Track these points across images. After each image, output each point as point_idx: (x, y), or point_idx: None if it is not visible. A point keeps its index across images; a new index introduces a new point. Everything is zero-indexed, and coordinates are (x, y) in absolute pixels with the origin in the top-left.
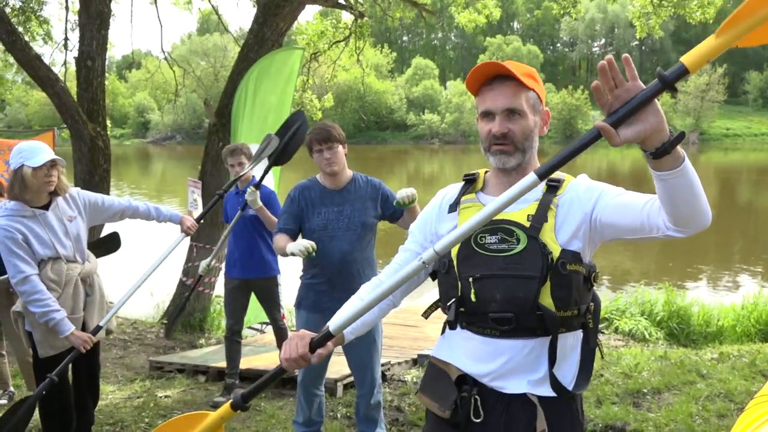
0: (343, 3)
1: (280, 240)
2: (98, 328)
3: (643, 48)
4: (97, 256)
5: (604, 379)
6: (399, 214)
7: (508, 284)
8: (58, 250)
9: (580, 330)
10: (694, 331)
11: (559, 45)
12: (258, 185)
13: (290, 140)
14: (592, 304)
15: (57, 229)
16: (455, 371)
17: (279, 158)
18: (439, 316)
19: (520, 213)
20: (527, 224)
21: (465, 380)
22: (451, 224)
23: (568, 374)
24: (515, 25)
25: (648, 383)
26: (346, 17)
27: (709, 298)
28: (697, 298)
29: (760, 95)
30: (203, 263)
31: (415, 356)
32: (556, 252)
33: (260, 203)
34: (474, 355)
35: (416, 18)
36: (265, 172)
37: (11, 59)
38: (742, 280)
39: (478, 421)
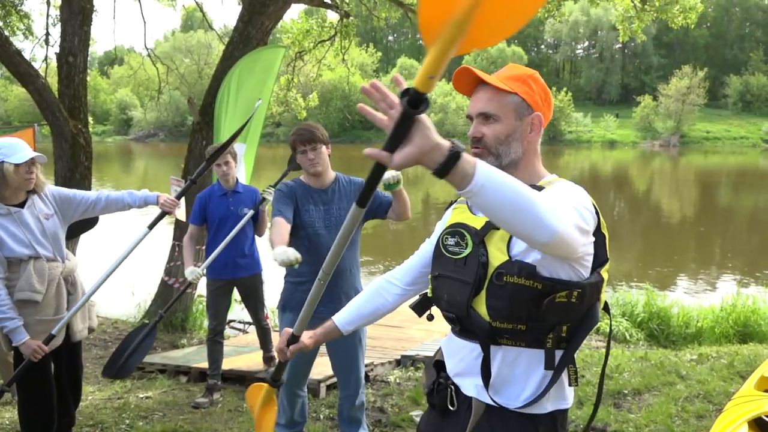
0: (329, 2)
1: (280, 225)
2: (51, 337)
3: (626, 51)
4: (76, 234)
5: (585, 380)
6: (386, 206)
7: (452, 286)
8: (37, 249)
9: (540, 349)
10: (674, 332)
11: (543, 47)
12: (276, 186)
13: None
14: (564, 325)
15: (34, 227)
16: (439, 356)
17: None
18: (425, 318)
19: (482, 219)
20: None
21: (444, 368)
22: (444, 222)
23: (519, 391)
24: None
25: (628, 384)
26: (332, 16)
27: (688, 300)
28: (677, 299)
29: (739, 99)
30: (194, 271)
31: (399, 357)
32: (497, 261)
33: None
34: (447, 348)
35: (402, 18)
36: (283, 175)
37: None
38: (721, 282)
39: (453, 410)
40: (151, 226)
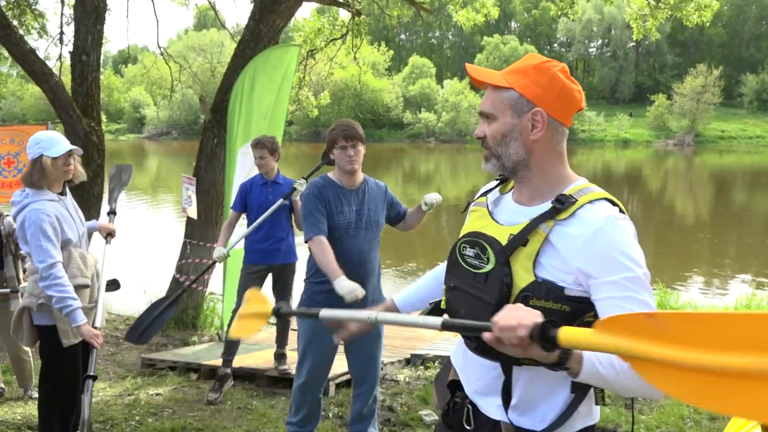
0: (341, 0)
1: (323, 245)
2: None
3: (640, 49)
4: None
5: None
6: (401, 216)
7: (471, 303)
8: (80, 236)
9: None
10: None
11: (555, 45)
12: (308, 178)
13: None
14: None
15: (74, 215)
16: (453, 374)
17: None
18: None
19: (505, 230)
20: (504, 244)
21: (459, 386)
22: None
23: (543, 412)
24: (512, 24)
25: None
26: (344, 15)
27: (702, 300)
28: (691, 299)
29: (755, 98)
30: (220, 251)
31: (408, 356)
32: (522, 282)
33: None
34: (462, 364)
35: (414, 16)
36: (316, 168)
37: (6, 53)
38: (735, 283)
39: (470, 428)
40: None
